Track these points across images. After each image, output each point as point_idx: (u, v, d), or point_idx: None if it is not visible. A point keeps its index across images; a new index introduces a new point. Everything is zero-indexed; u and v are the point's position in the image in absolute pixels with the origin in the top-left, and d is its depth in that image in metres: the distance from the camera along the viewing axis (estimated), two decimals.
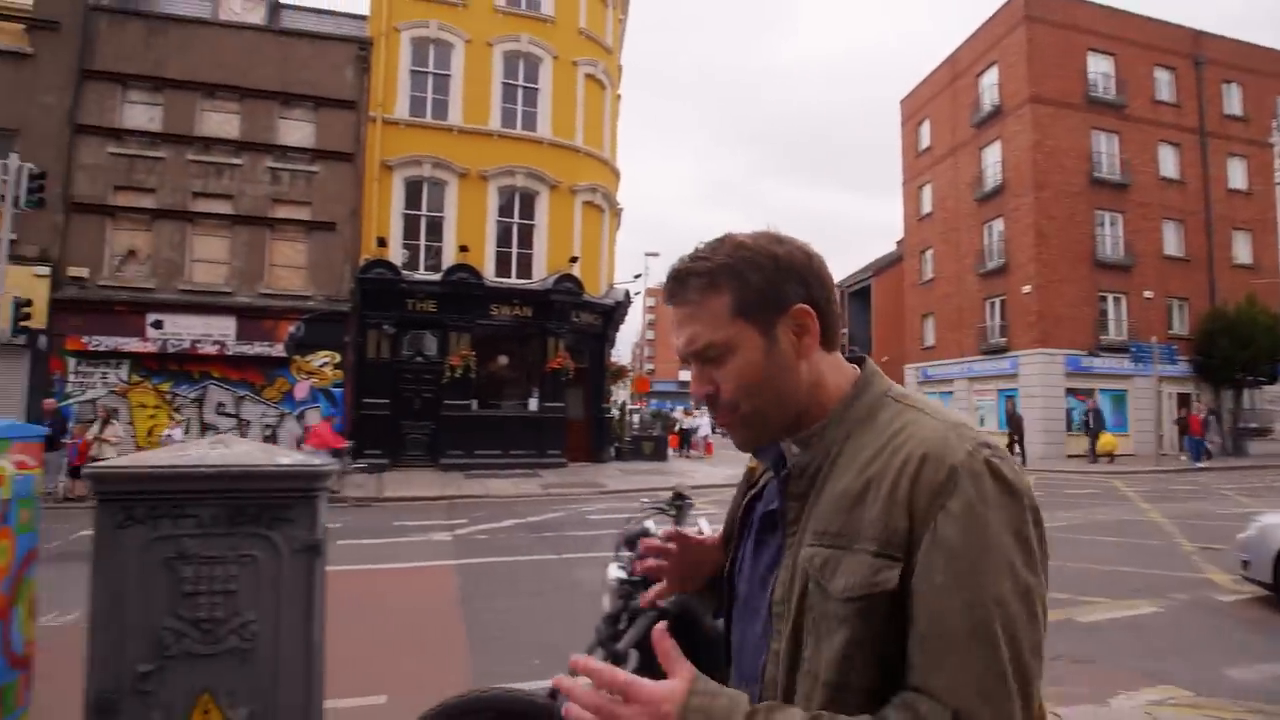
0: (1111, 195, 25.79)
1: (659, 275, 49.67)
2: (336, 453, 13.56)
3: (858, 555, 0.84)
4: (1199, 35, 28.09)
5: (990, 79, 27.86)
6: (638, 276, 27.98)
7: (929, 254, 32.33)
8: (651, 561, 1.29)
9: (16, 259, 14.70)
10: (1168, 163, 26.93)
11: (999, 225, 27.26)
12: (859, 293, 50.93)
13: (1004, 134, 26.84)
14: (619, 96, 22.52)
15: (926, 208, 32.53)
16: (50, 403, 14.44)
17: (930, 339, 32.09)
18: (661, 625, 0.84)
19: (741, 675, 1.02)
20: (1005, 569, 0.79)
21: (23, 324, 14.17)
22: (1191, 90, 27.43)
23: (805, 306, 0.94)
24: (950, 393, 30.01)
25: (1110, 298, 25.72)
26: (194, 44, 17.73)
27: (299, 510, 2.52)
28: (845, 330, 53.03)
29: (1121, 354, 24.06)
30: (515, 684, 3.00)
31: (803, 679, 0.87)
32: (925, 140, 32.74)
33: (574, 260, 19.07)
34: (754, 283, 0.93)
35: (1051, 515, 11.50)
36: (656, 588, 1.30)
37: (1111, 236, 25.84)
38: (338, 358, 17.74)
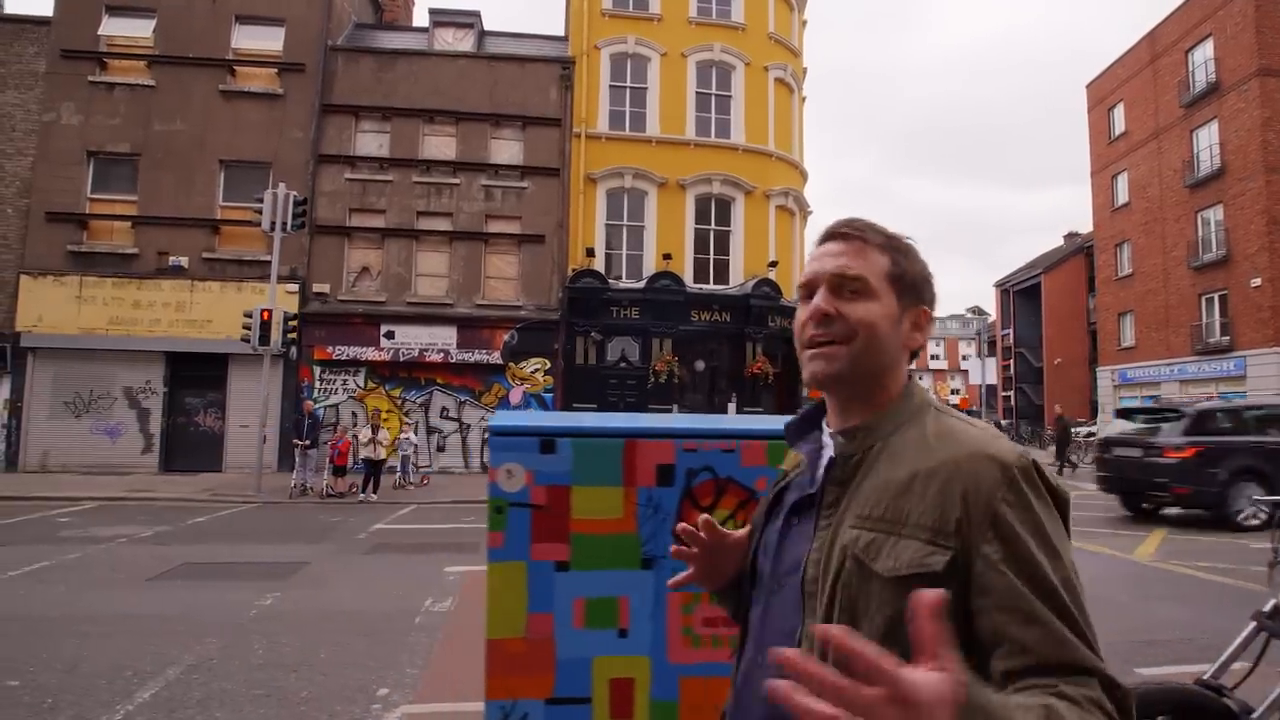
0: None
1: None
2: None
3: (906, 540, 0.90)
4: None
5: (1203, 54, 25.54)
6: None
7: (1126, 247, 29.99)
8: (680, 548, 1.30)
9: None
10: None
11: (1216, 213, 24.92)
12: (1025, 291, 47.94)
13: (1222, 113, 24.52)
14: (804, 99, 22.33)
15: (1122, 198, 30.21)
16: (309, 404, 16.17)
17: (1129, 339, 29.72)
18: (935, 594, 0.65)
19: (759, 647, 1.08)
20: (1063, 553, 0.88)
21: (289, 336, 15.74)
22: None
23: (929, 311, 1.08)
24: (1155, 396, 27.63)
25: None
26: (415, 75, 19.16)
27: None
28: (1008, 332, 49.41)
29: None
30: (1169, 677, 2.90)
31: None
32: (1119, 125, 30.45)
33: (773, 265, 19.07)
34: (909, 269, 1.05)
35: None
36: (681, 575, 1.32)
37: None
38: (548, 364, 18.58)
